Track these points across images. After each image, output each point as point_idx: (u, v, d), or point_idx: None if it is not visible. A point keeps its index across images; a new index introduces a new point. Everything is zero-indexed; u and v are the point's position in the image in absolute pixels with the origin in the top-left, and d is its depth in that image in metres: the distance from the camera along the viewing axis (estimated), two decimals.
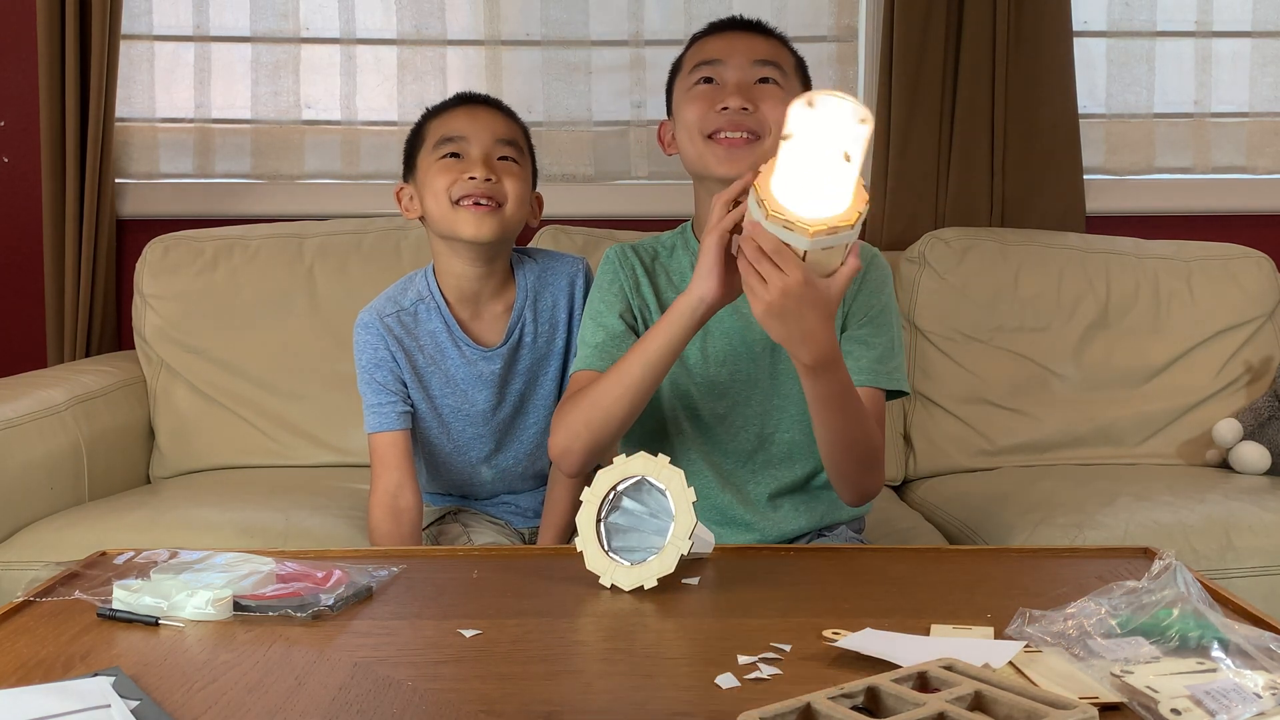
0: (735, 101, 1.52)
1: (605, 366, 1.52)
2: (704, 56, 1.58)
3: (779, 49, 1.60)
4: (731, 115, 1.52)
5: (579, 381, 1.56)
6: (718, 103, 1.53)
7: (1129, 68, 2.69)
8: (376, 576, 1.20)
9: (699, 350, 1.61)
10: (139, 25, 2.63)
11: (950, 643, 1.01)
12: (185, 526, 1.86)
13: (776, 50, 1.60)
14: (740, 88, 1.54)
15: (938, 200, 2.59)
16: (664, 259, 1.66)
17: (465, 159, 1.65)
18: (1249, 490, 2.07)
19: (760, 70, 1.56)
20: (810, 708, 0.81)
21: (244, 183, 2.67)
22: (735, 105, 1.52)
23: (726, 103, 1.52)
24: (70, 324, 2.51)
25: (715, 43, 1.59)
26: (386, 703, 0.91)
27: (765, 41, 1.59)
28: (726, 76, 1.56)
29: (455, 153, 1.66)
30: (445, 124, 1.68)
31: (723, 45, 1.58)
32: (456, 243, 1.68)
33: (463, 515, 1.83)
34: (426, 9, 2.66)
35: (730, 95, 1.53)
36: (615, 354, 1.54)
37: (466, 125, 1.67)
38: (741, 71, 1.55)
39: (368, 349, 1.71)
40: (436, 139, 1.67)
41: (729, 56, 1.56)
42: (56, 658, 1.01)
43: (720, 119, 1.53)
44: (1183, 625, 0.96)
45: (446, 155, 1.66)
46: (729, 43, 1.58)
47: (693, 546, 1.18)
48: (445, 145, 1.66)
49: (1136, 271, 2.44)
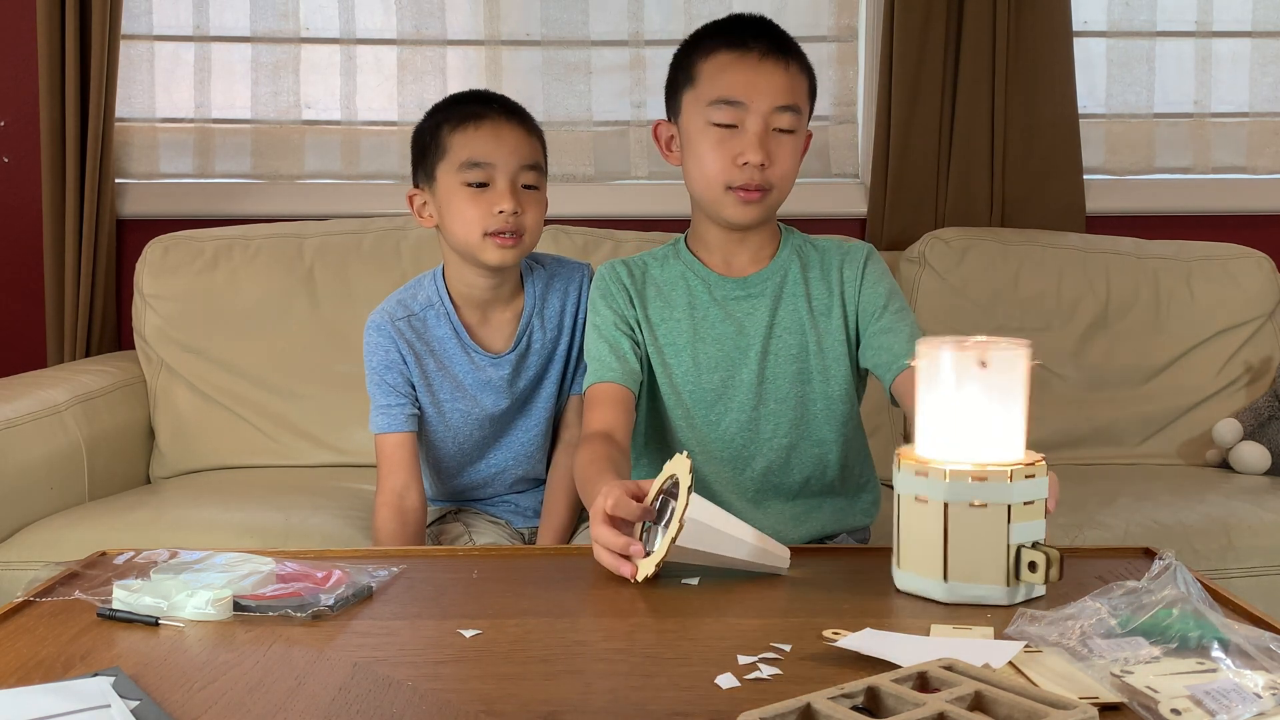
0: (756, 157, 1.52)
1: (616, 376, 1.57)
2: (726, 92, 1.54)
3: (797, 81, 1.56)
4: (750, 172, 1.53)
5: (597, 396, 1.58)
6: (738, 155, 1.53)
7: (1129, 68, 2.69)
8: (376, 576, 1.20)
9: (690, 358, 1.62)
10: (139, 25, 2.63)
11: (950, 643, 1.01)
12: (185, 526, 1.86)
13: (795, 85, 1.56)
14: (761, 141, 1.53)
15: (938, 200, 2.59)
16: (654, 271, 1.67)
17: (492, 189, 1.64)
18: (1249, 490, 2.07)
19: (780, 119, 1.54)
20: (810, 708, 0.81)
21: (244, 183, 2.67)
22: (755, 161, 1.52)
23: (747, 157, 1.53)
24: (70, 324, 2.51)
25: (738, 74, 1.54)
26: (386, 703, 0.91)
27: (786, 76, 1.54)
28: (748, 124, 1.53)
29: (481, 180, 1.65)
30: (470, 144, 1.65)
31: (746, 82, 1.54)
32: (475, 262, 1.69)
33: (463, 515, 1.83)
34: (426, 9, 2.66)
35: (751, 150, 1.52)
36: (622, 363, 1.59)
37: (493, 150, 1.65)
38: (763, 119, 1.53)
39: (379, 351, 1.72)
40: (462, 160, 1.65)
41: (752, 99, 1.53)
42: (56, 658, 1.01)
43: (741, 175, 1.54)
44: (1183, 625, 0.96)
45: (473, 183, 1.65)
46: (752, 79, 1.53)
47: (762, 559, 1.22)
48: (472, 171, 1.64)
49: (1136, 271, 2.44)
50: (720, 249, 1.64)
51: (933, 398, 1.16)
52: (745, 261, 1.64)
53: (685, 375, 1.62)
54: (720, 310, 1.62)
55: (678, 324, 1.63)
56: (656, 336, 1.63)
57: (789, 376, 1.61)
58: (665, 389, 1.63)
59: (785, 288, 1.63)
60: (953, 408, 1.15)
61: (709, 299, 1.63)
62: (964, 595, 1.11)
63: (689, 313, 1.63)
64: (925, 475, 1.13)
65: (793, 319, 1.61)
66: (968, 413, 1.14)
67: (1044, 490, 1.14)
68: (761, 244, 1.64)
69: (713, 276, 1.64)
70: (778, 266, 1.63)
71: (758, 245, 1.64)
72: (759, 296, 1.62)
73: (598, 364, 1.61)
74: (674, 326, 1.63)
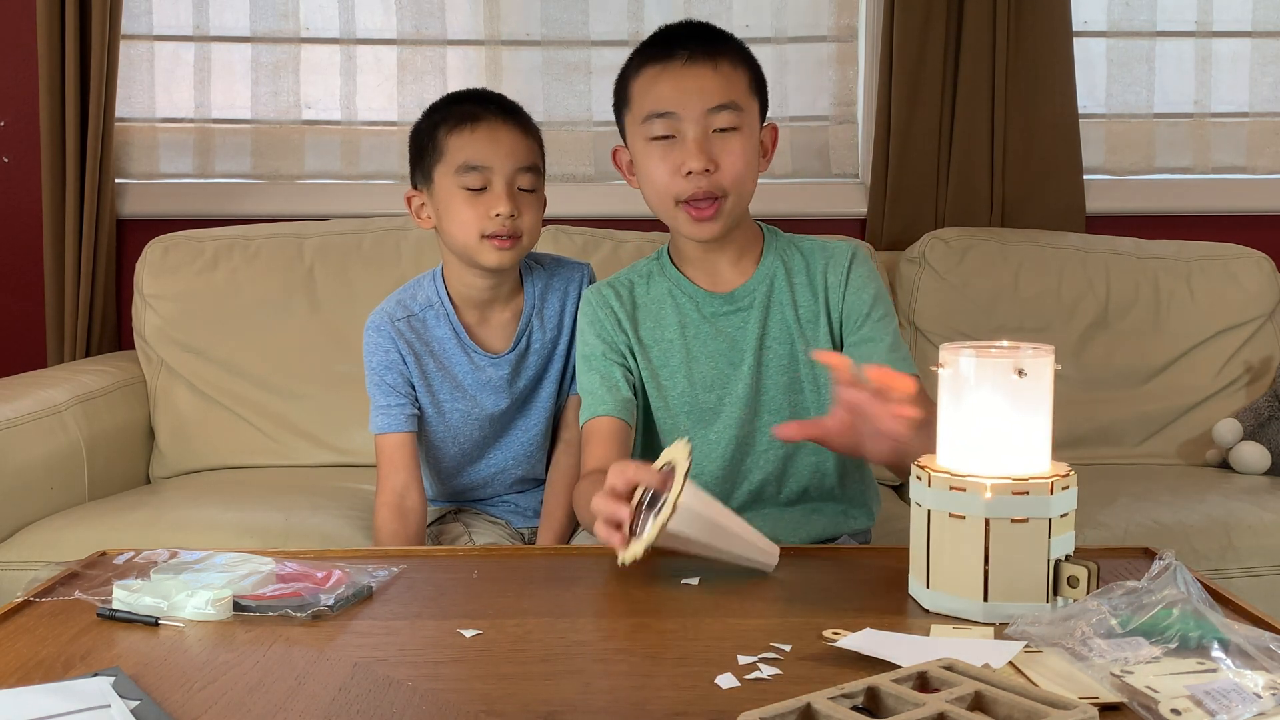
0: (697, 164, 1.49)
1: (610, 410, 1.56)
2: (656, 105, 1.51)
3: (731, 78, 1.52)
4: (695, 181, 1.49)
5: (594, 432, 1.57)
6: (679, 164, 1.50)
7: (1129, 68, 2.69)
8: (376, 576, 1.20)
9: (685, 378, 1.61)
10: (139, 25, 2.63)
11: (950, 643, 1.01)
12: (185, 526, 1.86)
13: (729, 83, 1.51)
14: (700, 146, 1.50)
15: (938, 200, 2.59)
16: (640, 291, 1.65)
17: (490, 191, 1.64)
18: (1249, 490, 2.07)
19: (716, 119, 1.50)
20: (810, 708, 0.81)
21: (244, 183, 2.67)
22: (698, 168, 1.49)
23: (689, 165, 1.49)
24: (70, 324, 2.51)
25: (665, 85, 1.51)
26: (386, 703, 0.91)
27: (716, 76, 1.50)
28: (685, 132, 1.50)
29: (479, 183, 1.65)
30: (467, 147, 1.65)
31: (673, 90, 1.50)
32: (473, 264, 1.69)
33: (463, 515, 1.83)
34: (426, 9, 2.66)
35: (691, 157, 1.49)
36: (614, 394, 1.57)
37: (490, 153, 1.65)
38: (698, 124, 1.50)
39: (379, 351, 1.72)
40: (459, 163, 1.65)
41: (682, 107, 1.50)
42: (56, 658, 1.01)
43: (686, 186, 1.50)
44: (1183, 625, 0.96)
45: (470, 186, 1.65)
46: (679, 85, 1.50)
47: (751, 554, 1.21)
48: (470, 175, 1.64)
49: (1136, 271, 2.44)
50: (699, 261, 1.62)
51: (958, 407, 1.11)
52: (728, 271, 1.61)
53: (680, 394, 1.61)
54: (711, 327, 1.60)
55: (670, 344, 1.61)
56: (651, 359, 1.62)
57: (781, 387, 1.60)
58: (658, 407, 1.62)
59: (773, 297, 1.60)
60: (981, 417, 1.10)
61: (699, 317, 1.61)
62: (1005, 615, 1.06)
63: (680, 332, 1.61)
64: (963, 490, 1.07)
65: (781, 329, 1.60)
66: (998, 422, 1.09)
67: (1074, 501, 1.11)
68: (742, 250, 1.61)
69: (700, 294, 1.61)
70: (763, 275, 1.61)
71: (737, 253, 1.61)
72: (748, 310, 1.60)
73: (590, 397, 1.59)
74: (667, 347, 1.62)
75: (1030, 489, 1.07)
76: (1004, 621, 1.06)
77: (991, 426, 1.10)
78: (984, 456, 1.10)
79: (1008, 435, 1.10)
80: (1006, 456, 1.10)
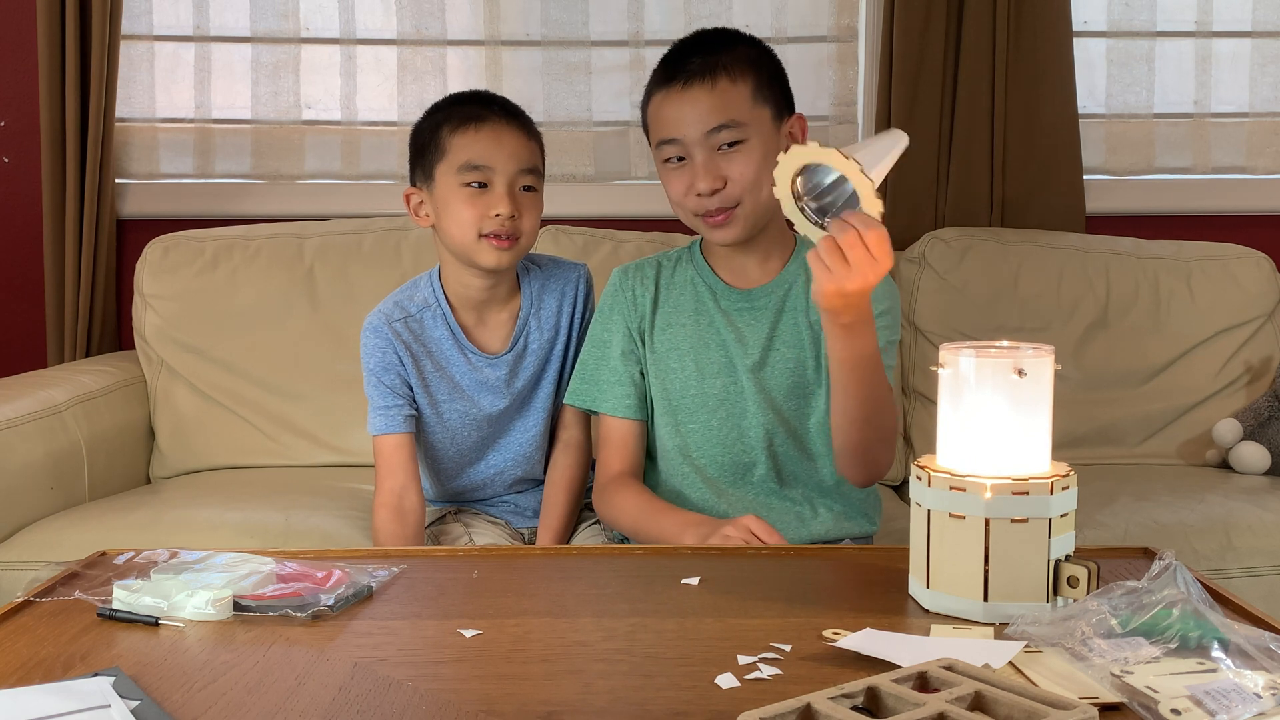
0: (704, 185, 1.54)
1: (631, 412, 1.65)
2: (662, 133, 1.57)
3: (728, 97, 1.54)
4: (706, 200, 1.54)
5: (613, 434, 1.65)
6: (691, 185, 1.55)
7: (1129, 68, 2.69)
8: (376, 576, 1.20)
9: (692, 361, 1.63)
10: (139, 25, 2.63)
11: (950, 643, 1.01)
12: (185, 526, 1.86)
13: (725, 103, 1.53)
14: (707, 168, 1.54)
15: (938, 200, 2.59)
16: (666, 273, 1.68)
17: (490, 191, 1.65)
18: (1249, 490, 2.07)
19: (717, 137, 1.54)
20: (810, 708, 0.81)
21: (244, 183, 2.67)
22: (706, 190, 1.54)
23: (698, 187, 1.54)
24: (70, 324, 2.51)
25: (668, 112, 1.56)
26: (386, 703, 0.91)
27: (711, 97, 1.53)
28: (691, 152, 1.55)
29: (480, 181, 1.65)
30: (469, 146, 1.66)
31: (674, 117, 1.55)
32: (470, 264, 1.69)
33: (463, 515, 1.83)
34: (426, 9, 2.66)
35: (700, 178, 1.54)
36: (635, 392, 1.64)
37: (492, 153, 1.65)
38: (701, 147, 1.54)
39: (376, 352, 1.72)
40: (461, 162, 1.65)
41: (684, 130, 1.54)
42: (56, 658, 1.01)
43: (699, 204, 1.55)
44: (1183, 625, 0.96)
45: (471, 184, 1.65)
46: (678, 112, 1.55)
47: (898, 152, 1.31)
48: (470, 173, 1.65)
49: (1136, 271, 2.44)
50: (727, 258, 1.66)
51: (958, 407, 1.12)
52: (754, 270, 1.65)
53: (686, 381, 1.62)
54: (724, 319, 1.63)
55: (682, 329, 1.64)
56: (656, 344, 1.64)
57: (784, 390, 1.61)
58: (657, 391, 1.64)
59: (788, 301, 1.62)
60: (981, 417, 1.10)
61: (715, 307, 1.64)
62: (1005, 615, 1.07)
63: (694, 319, 1.64)
64: (963, 490, 1.08)
65: (792, 333, 1.61)
66: (997, 422, 1.10)
67: (1074, 501, 1.11)
68: (769, 252, 1.64)
69: (720, 286, 1.65)
70: (784, 279, 1.63)
71: (764, 254, 1.64)
72: (762, 309, 1.63)
73: (611, 396, 1.65)
74: (678, 332, 1.64)
75: (1030, 489, 1.07)
76: (1004, 621, 1.06)
77: (991, 426, 1.10)
78: (984, 456, 1.10)
79: (1007, 435, 1.10)
80: (1006, 456, 1.10)
